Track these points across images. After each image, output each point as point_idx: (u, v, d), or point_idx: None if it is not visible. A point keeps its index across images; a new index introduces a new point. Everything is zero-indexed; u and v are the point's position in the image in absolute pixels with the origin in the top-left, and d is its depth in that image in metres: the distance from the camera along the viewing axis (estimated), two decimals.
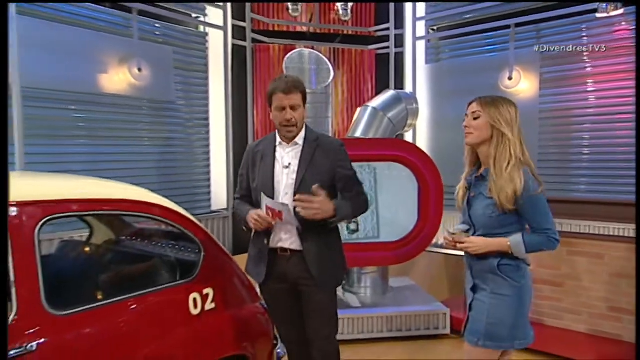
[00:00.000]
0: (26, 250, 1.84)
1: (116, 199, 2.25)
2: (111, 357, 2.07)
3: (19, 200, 1.86)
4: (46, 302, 1.85)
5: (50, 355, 1.85)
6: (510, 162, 2.04)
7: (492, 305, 2.10)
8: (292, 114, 2.36)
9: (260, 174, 2.47)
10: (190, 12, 4.92)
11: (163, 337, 2.28)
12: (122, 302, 2.16)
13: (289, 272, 2.46)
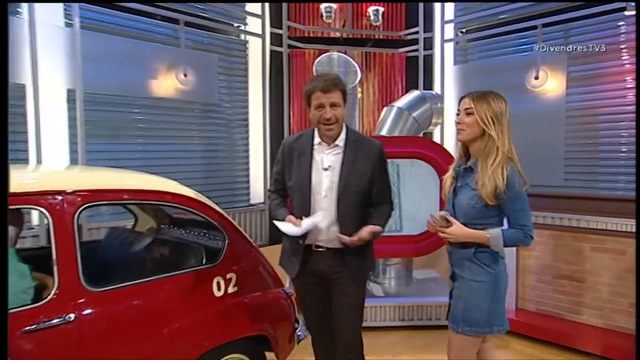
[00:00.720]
0: (66, 233, 1.98)
1: (146, 190, 2.36)
2: (140, 330, 2.19)
3: (61, 190, 2.00)
4: (84, 280, 2.00)
5: (87, 325, 1.99)
6: (496, 159, 2.03)
7: (469, 292, 2.10)
8: (332, 113, 2.19)
9: (297, 173, 2.33)
10: (232, 22, 5.06)
11: (187, 315, 2.36)
12: (152, 282, 2.28)
13: (323, 267, 2.35)
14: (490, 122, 2.05)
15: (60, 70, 3.92)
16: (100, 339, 2.05)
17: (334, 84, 2.21)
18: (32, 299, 1.94)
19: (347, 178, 2.25)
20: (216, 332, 2.47)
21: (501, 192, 1.99)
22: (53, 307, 1.90)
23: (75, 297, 1.96)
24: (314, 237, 2.30)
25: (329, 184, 2.27)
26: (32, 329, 1.82)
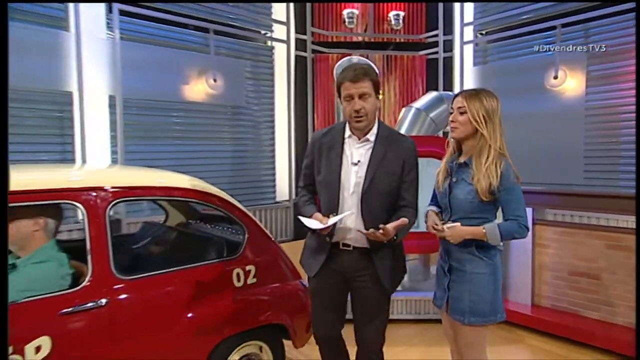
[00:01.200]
0: (99, 226, 2.09)
1: (171, 187, 2.45)
2: (165, 315, 2.28)
3: (94, 187, 2.13)
4: (115, 268, 2.11)
5: (117, 310, 2.10)
6: (489, 156, 2.01)
7: (473, 284, 2.08)
8: (362, 104, 2.02)
9: (326, 168, 2.15)
10: (260, 29, 5.18)
11: (208, 303, 2.43)
12: (177, 272, 2.37)
13: (347, 266, 2.15)
14: (482, 120, 2.03)
15: (103, 78, 4.14)
16: (129, 322, 2.15)
17: (364, 72, 2.03)
18: (70, 285, 2.06)
19: (375, 175, 2.07)
20: (235, 320, 2.53)
21: (495, 187, 1.98)
22: (87, 292, 2.03)
23: (107, 284, 2.08)
24: (341, 235, 2.13)
25: (357, 179, 2.08)
26: (69, 311, 1.95)
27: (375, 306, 2.20)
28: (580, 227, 3.72)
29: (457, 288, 2.12)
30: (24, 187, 1.98)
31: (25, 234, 2.07)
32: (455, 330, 2.20)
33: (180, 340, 2.33)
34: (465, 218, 2.06)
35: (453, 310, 2.14)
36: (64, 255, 2.14)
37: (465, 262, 2.09)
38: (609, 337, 3.34)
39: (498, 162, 2.01)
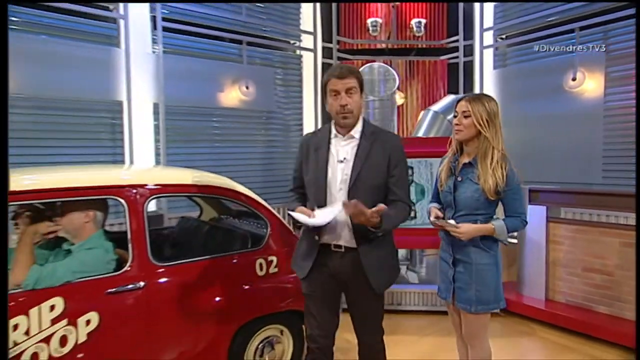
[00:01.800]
0: (138, 219, 2.29)
1: (201, 185, 2.61)
2: (195, 298, 2.44)
3: (134, 184, 2.33)
4: (151, 256, 2.31)
5: (153, 291, 2.29)
6: (493, 158, 2.05)
7: (478, 275, 2.11)
8: (347, 100, 1.96)
9: (313, 167, 2.07)
10: (289, 39, 5.34)
11: (233, 289, 2.58)
12: (206, 261, 2.54)
13: (341, 269, 2.05)
14: (485, 123, 2.07)
15: (148, 88, 4.40)
16: (164, 302, 2.33)
17: (350, 70, 1.99)
18: (114, 269, 2.26)
19: (360, 171, 1.98)
20: (258, 305, 2.67)
21: (501, 188, 2.03)
22: (128, 276, 2.24)
23: (145, 269, 2.28)
24: (332, 236, 2.03)
25: (343, 176, 2.00)
26: (113, 291, 2.17)
27: (368, 305, 2.13)
28: (594, 224, 3.67)
29: (463, 279, 2.16)
30: (76, 184, 2.21)
31: (78, 224, 2.28)
32: (461, 319, 2.25)
33: (208, 320, 2.49)
34: (470, 214, 2.11)
35: (460, 300, 2.17)
36: (110, 243, 2.33)
37: (471, 254, 2.12)
38: (620, 332, 3.30)
39: (503, 163, 2.06)
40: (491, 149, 2.07)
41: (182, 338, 2.42)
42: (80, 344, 2.07)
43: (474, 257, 2.12)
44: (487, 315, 2.19)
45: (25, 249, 2.18)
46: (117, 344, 2.19)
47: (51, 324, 2.01)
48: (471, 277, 2.13)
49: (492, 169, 2.05)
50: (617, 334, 3.29)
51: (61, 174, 2.38)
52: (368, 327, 2.18)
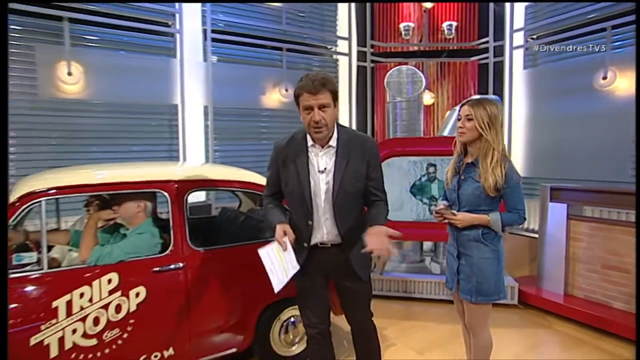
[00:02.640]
0: (179, 209, 2.51)
1: (233, 180, 2.79)
2: (227, 279, 2.63)
3: (176, 179, 2.54)
4: (190, 241, 2.53)
5: (191, 272, 2.50)
6: (493, 158, 2.09)
7: (479, 268, 2.15)
8: (321, 115, 1.85)
9: (294, 178, 2.00)
10: (326, 45, 5.46)
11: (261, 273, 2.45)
12: (239, 247, 2.72)
13: (329, 262, 2.09)
14: (487, 126, 2.10)
15: (199, 92, 4.70)
16: (200, 282, 2.53)
17: (322, 84, 1.84)
18: (159, 251, 2.50)
19: (342, 180, 1.96)
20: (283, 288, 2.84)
21: (500, 185, 2.07)
22: (170, 257, 2.47)
23: (184, 252, 2.50)
24: (319, 238, 2.05)
25: (326, 186, 1.97)
26: (158, 269, 2.42)
27: (356, 290, 2.15)
28: (614, 223, 3.52)
29: (465, 271, 2.20)
30: (131, 179, 2.48)
31: (132, 213, 2.55)
32: (464, 308, 2.30)
33: (239, 299, 2.67)
34: (473, 210, 2.16)
35: (462, 291, 2.22)
36: (157, 229, 2.58)
37: (472, 248, 2.17)
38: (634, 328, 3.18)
39: (503, 163, 2.09)
40: (491, 150, 2.10)
41: (216, 313, 2.61)
42: (132, 313, 2.33)
43: (476, 251, 2.16)
44: (487, 306, 2.21)
45: (91, 232, 2.49)
46: (161, 315, 2.43)
47: (109, 294, 2.29)
48: (472, 270, 2.17)
49: (492, 168, 2.08)
50: (633, 330, 3.17)
51: (120, 170, 2.64)
52: (358, 310, 2.20)
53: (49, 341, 2.15)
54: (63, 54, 3.92)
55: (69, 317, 2.20)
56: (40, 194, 2.25)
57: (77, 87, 4.04)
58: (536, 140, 4.89)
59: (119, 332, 2.32)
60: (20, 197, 2.23)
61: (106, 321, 2.28)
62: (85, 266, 2.32)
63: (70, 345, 2.20)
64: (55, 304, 2.17)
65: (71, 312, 2.20)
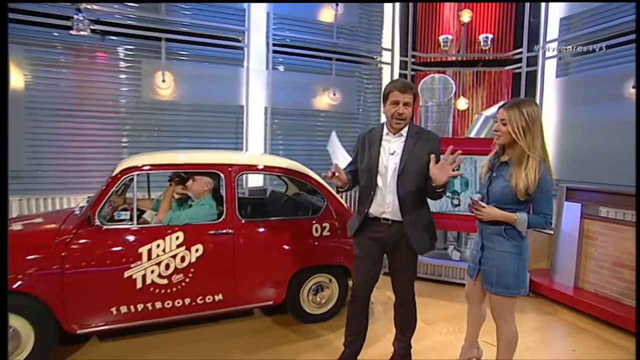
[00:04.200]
0: (231, 187, 2.84)
1: (275, 166, 3.06)
2: (267, 245, 2.90)
3: (231, 163, 2.88)
4: (238, 213, 2.86)
5: (238, 237, 2.82)
6: (528, 163, 1.93)
7: (499, 261, 2.05)
8: (404, 110, 2.12)
9: (368, 157, 2.25)
10: (372, 55, 5.61)
11: (295, 242, 2.97)
12: (278, 220, 3.01)
13: (388, 237, 2.23)
14: (521, 132, 1.93)
15: (261, 95, 5.07)
16: (245, 245, 2.84)
17: (410, 87, 2.13)
18: (215, 219, 2.86)
19: (407, 161, 2.15)
20: (312, 256, 3.03)
21: (531, 190, 1.93)
22: (222, 224, 2.82)
23: (233, 221, 2.84)
24: (379, 210, 2.21)
25: (393, 165, 2.19)
26: (213, 232, 2.79)
27: (407, 267, 2.28)
28: (626, 223, 3.38)
29: (487, 263, 2.10)
30: (198, 162, 2.89)
31: (200, 190, 2.94)
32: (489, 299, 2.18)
33: (275, 263, 2.93)
34: (500, 207, 2.03)
35: (484, 281, 2.12)
36: (215, 203, 2.95)
37: (495, 242, 2.06)
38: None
39: (538, 168, 1.92)
40: (525, 157, 1.94)
41: (256, 272, 2.90)
42: (192, 263, 2.71)
43: (497, 245, 2.06)
44: (510, 300, 2.07)
45: (167, 200, 2.96)
46: (213, 267, 2.78)
47: (176, 247, 2.68)
48: (493, 262, 2.07)
49: (526, 173, 1.93)
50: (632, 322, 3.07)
51: (191, 155, 3.05)
52: (404, 285, 2.34)
53: (136, 276, 2.59)
54: (160, 66, 4.52)
55: (149, 260, 2.61)
56: (135, 169, 2.71)
57: (169, 91, 4.63)
58: (565, 145, 4.71)
59: (183, 277, 2.70)
60: (121, 170, 2.70)
61: (174, 267, 2.67)
62: (161, 225, 2.74)
63: (150, 281, 2.62)
64: (141, 250, 2.60)
65: (151, 257, 2.62)
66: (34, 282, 2.38)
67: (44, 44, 4.14)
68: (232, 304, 2.90)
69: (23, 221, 2.88)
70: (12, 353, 2.39)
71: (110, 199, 2.68)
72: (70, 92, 4.27)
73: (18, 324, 2.39)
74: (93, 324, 2.57)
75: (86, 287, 2.50)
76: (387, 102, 2.17)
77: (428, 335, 3.06)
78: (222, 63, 4.88)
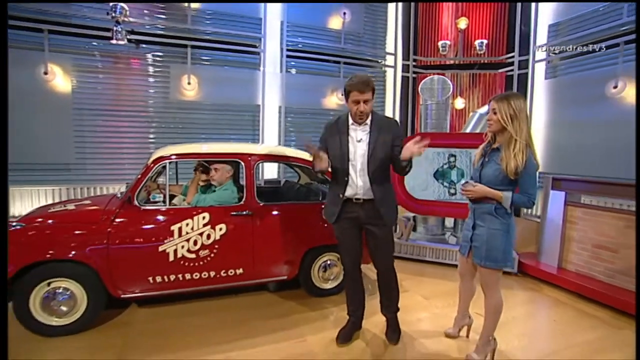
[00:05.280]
0: (250, 174, 2.98)
1: (288, 156, 3.20)
2: (281, 226, 3.03)
3: (251, 153, 3.01)
4: (257, 197, 3.00)
5: (257, 218, 2.95)
6: (515, 147, 2.04)
7: (489, 237, 2.14)
8: (364, 107, 2.20)
9: (338, 145, 2.31)
10: (377, 59, 5.74)
11: (306, 224, 3.10)
12: (291, 204, 3.14)
13: (361, 215, 2.32)
14: (509, 119, 2.04)
15: (275, 96, 5.24)
16: (262, 226, 2.98)
17: (367, 84, 2.17)
18: (236, 202, 3.02)
19: (374, 147, 2.24)
20: (321, 237, 3.14)
21: (520, 170, 2.03)
22: (243, 206, 2.98)
23: (252, 204, 2.99)
24: (353, 192, 2.29)
25: (361, 151, 2.28)
26: (234, 213, 2.94)
27: (384, 237, 2.36)
28: (604, 209, 3.49)
29: (478, 239, 2.20)
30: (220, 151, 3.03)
31: (222, 177, 3.12)
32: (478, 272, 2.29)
33: (289, 242, 3.06)
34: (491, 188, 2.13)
35: (475, 256, 2.22)
36: (236, 188, 3.12)
37: (486, 220, 2.16)
38: (615, 297, 3.19)
39: (525, 150, 2.03)
40: (514, 140, 2.05)
41: (273, 249, 3.04)
42: (216, 240, 2.87)
43: (488, 223, 2.14)
44: (497, 272, 2.18)
45: (195, 185, 3.16)
46: (235, 245, 2.93)
47: (203, 226, 2.84)
48: (484, 238, 2.15)
49: (514, 154, 2.03)
50: (612, 298, 3.19)
51: (215, 145, 3.17)
52: (382, 255, 2.42)
53: (168, 250, 2.77)
54: (186, 70, 4.74)
55: (180, 237, 2.79)
56: (166, 157, 2.90)
57: (193, 93, 4.85)
58: (554, 141, 4.80)
59: (208, 252, 2.86)
60: (153, 160, 2.88)
61: (201, 244, 2.83)
62: (190, 207, 2.91)
63: (180, 255, 2.80)
64: (172, 228, 2.78)
65: (181, 234, 2.79)
66: (86, 252, 2.61)
67: (86, 52, 4.40)
68: (251, 277, 3.04)
69: (75, 203, 3.11)
70: (69, 313, 2.62)
71: (146, 183, 2.88)
72: (108, 94, 4.51)
73: (74, 288, 2.63)
74: (134, 290, 2.78)
75: (127, 257, 2.70)
76: (349, 99, 2.23)
77: (426, 308, 3.20)
78: (241, 67, 5.07)
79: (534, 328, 2.93)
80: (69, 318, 2.62)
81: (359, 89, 2.17)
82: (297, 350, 2.50)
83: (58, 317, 2.60)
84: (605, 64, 4.24)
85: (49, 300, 2.57)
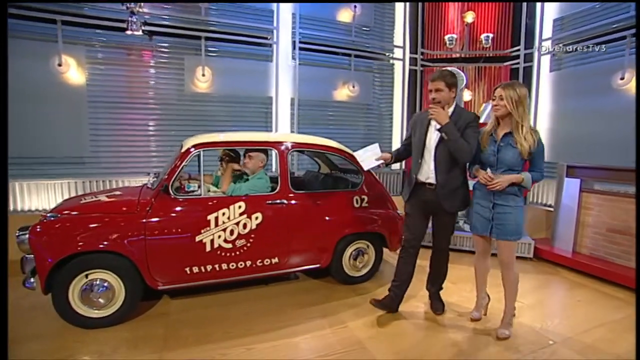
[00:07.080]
0: (284, 163, 2.92)
1: (321, 144, 3.15)
2: (315, 215, 2.99)
3: (283, 141, 2.94)
4: (291, 186, 2.95)
5: (291, 207, 2.90)
6: (523, 129, 2.19)
7: (515, 214, 2.26)
8: (435, 95, 2.34)
9: (418, 133, 2.48)
10: (385, 52, 5.65)
11: (339, 213, 3.07)
12: (323, 193, 3.10)
13: (431, 197, 2.45)
14: (515, 105, 2.17)
15: (288, 88, 5.10)
16: (296, 214, 2.93)
17: (440, 75, 2.34)
18: (271, 191, 2.94)
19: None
20: (353, 225, 3.13)
21: (533, 149, 2.18)
22: (277, 195, 2.91)
23: (286, 193, 2.93)
24: (425, 176, 2.45)
25: (436, 138, 2.40)
26: (270, 202, 2.87)
27: (443, 221, 2.55)
28: (618, 195, 3.54)
29: (503, 218, 2.28)
30: (254, 139, 2.93)
31: (256, 166, 3.01)
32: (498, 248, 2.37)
33: (322, 230, 3.03)
34: (509, 170, 2.25)
35: (501, 233, 2.29)
36: (268, 177, 3.03)
37: (510, 200, 2.27)
38: (629, 277, 3.25)
39: (532, 132, 2.19)
40: (520, 125, 2.20)
41: (307, 238, 3.00)
42: (253, 230, 2.80)
43: (512, 202, 2.26)
44: (516, 244, 2.34)
45: (229, 174, 3.03)
46: (271, 233, 2.87)
47: (239, 215, 2.76)
48: (510, 216, 2.26)
49: (524, 137, 2.18)
50: (626, 278, 3.25)
51: (246, 134, 3.11)
52: (441, 236, 2.61)
53: (205, 240, 2.67)
54: (200, 62, 4.55)
55: (216, 227, 2.69)
56: (201, 145, 2.75)
57: (207, 85, 4.66)
58: (559, 132, 4.82)
59: (245, 242, 2.79)
60: (187, 148, 2.74)
61: (237, 233, 2.75)
62: (225, 196, 2.82)
63: (217, 245, 2.70)
64: (209, 218, 2.68)
65: (217, 224, 2.70)
66: (123, 243, 2.47)
67: (100, 44, 4.16)
68: (286, 266, 2.98)
69: (106, 194, 2.94)
70: (107, 305, 2.48)
71: (181, 172, 2.74)
72: (123, 86, 4.29)
73: (112, 280, 2.48)
74: (171, 281, 2.66)
75: (164, 248, 2.58)
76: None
77: (455, 292, 3.20)
78: (254, 59, 4.91)
79: (561, 309, 2.95)
80: (108, 310, 2.48)
81: (432, 79, 2.37)
82: (340, 336, 2.44)
83: (98, 309, 2.45)
84: (610, 56, 4.26)
85: (87, 293, 2.42)
